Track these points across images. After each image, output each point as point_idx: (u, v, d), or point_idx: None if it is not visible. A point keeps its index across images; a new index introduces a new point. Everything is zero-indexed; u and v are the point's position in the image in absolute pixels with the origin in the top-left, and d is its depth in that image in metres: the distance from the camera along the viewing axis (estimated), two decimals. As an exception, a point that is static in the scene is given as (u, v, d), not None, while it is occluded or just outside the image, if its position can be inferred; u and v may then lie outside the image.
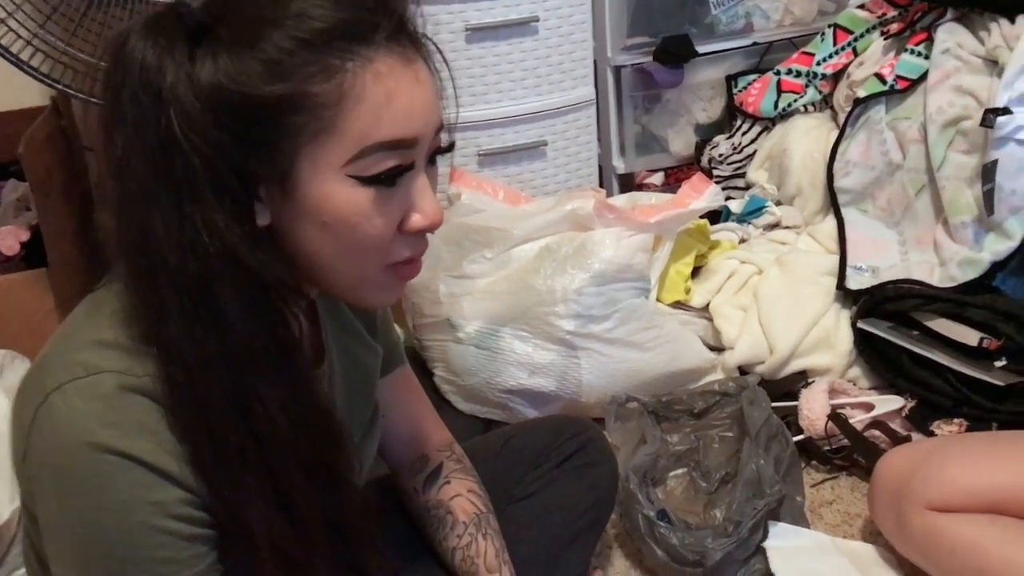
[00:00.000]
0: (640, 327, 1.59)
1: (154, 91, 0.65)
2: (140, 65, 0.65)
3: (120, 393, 0.66)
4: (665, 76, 2.13)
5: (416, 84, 0.70)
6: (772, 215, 1.94)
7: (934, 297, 1.58)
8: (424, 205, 0.73)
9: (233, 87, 0.66)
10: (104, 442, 0.65)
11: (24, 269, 1.72)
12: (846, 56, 2.00)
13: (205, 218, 0.66)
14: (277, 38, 0.66)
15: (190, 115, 0.65)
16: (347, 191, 0.69)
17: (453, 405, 1.67)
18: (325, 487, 0.75)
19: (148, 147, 0.65)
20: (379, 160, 0.69)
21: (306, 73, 0.66)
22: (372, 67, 0.68)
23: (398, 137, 0.69)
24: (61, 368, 0.67)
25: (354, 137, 0.68)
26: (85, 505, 0.66)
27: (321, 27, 0.67)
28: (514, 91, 1.99)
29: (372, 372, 0.98)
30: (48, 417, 0.66)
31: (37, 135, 1.72)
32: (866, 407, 1.55)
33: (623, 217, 1.63)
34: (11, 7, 1.42)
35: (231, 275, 0.67)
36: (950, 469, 1.16)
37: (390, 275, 0.75)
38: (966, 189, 1.64)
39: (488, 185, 1.86)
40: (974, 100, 1.67)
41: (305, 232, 0.71)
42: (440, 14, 1.88)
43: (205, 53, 0.66)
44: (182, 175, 0.65)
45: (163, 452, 0.66)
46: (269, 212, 0.70)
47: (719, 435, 1.45)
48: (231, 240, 0.66)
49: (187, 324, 0.66)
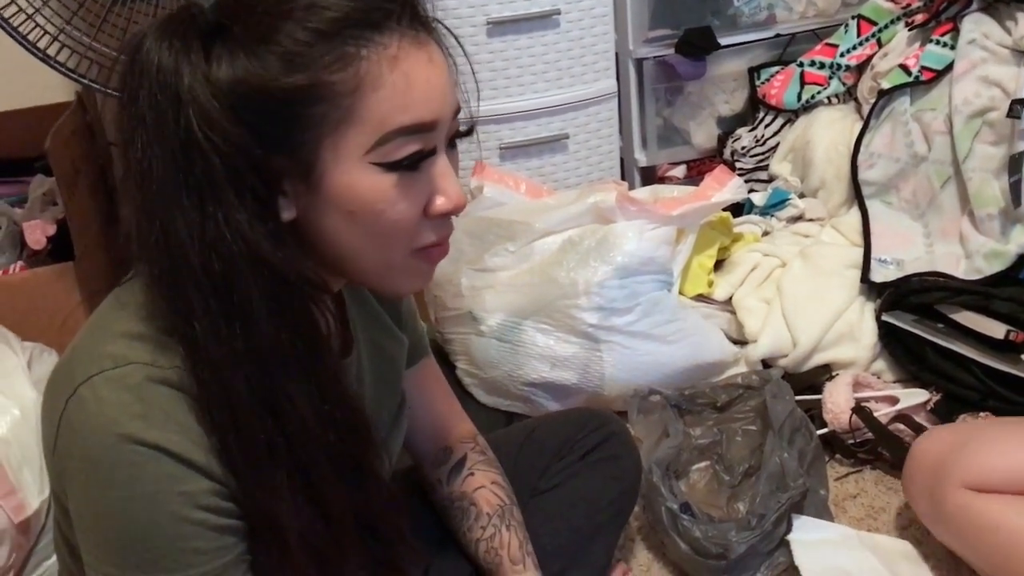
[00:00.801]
0: (663, 320, 1.58)
1: (172, 93, 0.65)
2: (157, 67, 0.66)
3: (148, 385, 0.67)
4: (687, 68, 2.12)
5: (431, 66, 0.71)
6: (795, 207, 1.93)
7: (959, 290, 1.57)
8: (447, 188, 0.74)
9: (251, 82, 0.66)
10: (133, 433, 0.65)
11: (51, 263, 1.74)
12: (870, 47, 1.98)
13: (227, 217, 0.66)
14: (291, 30, 0.67)
15: (209, 115, 0.65)
16: (371, 178, 0.70)
17: (475, 398, 1.67)
18: (354, 481, 0.76)
19: (168, 149, 0.66)
20: (401, 145, 0.70)
21: (323, 63, 0.67)
22: (387, 53, 0.68)
23: (418, 121, 0.70)
24: (90, 360, 0.68)
25: (375, 124, 0.68)
26: (114, 496, 0.66)
27: (334, 16, 0.67)
28: (536, 84, 1.99)
29: (399, 363, 0.99)
30: (78, 409, 0.67)
31: (63, 130, 1.73)
32: (891, 400, 1.54)
33: (645, 210, 1.63)
34: (38, 3, 1.44)
35: (255, 273, 0.67)
36: (990, 449, 1.15)
37: (419, 259, 0.76)
38: (992, 181, 1.63)
39: (510, 178, 1.86)
40: (1000, 91, 1.66)
41: (332, 222, 0.71)
42: (461, 8, 1.88)
43: (220, 52, 0.67)
44: (203, 175, 0.66)
45: (191, 443, 0.67)
46: (294, 206, 0.71)
47: (742, 428, 1.45)
48: (254, 238, 0.67)
49: (213, 323, 0.67)
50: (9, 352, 1.46)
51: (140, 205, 0.67)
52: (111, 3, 1.44)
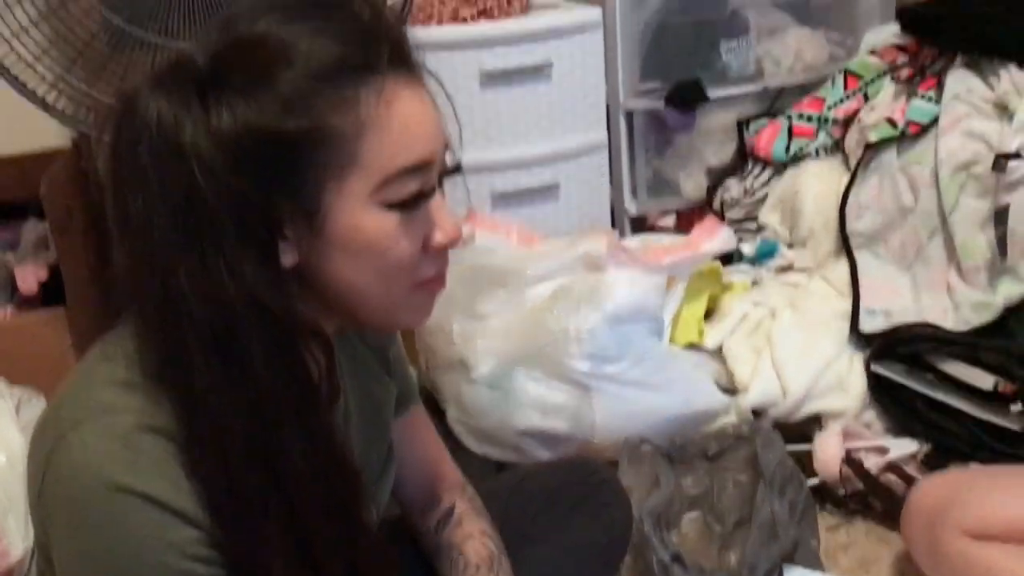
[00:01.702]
0: (654, 368, 1.59)
1: (174, 145, 0.65)
2: (156, 121, 0.66)
3: (136, 433, 0.66)
4: (677, 120, 2.15)
5: (423, 105, 0.73)
6: (785, 258, 1.94)
7: (948, 340, 1.58)
8: (444, 222, 0.75)
9: (253, 129, 0.67)
10: (120, 481, 0.65)
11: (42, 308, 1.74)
12: (857, 101, 2.01)
13: (230, 266, 0.66)
14: (290, 77, 0.67)
15: (212, 166, 0.66)
16: (375, 218, 0.71)
17: (466, 446, 1.66)
18: (344, 531, 0.75)
19: (171, 201, 0.65)
20: (404, 185, 0.71)
21: (323, 107, 0.68)
22: (384, 95, 0.69)
23: (418, 160, 0.71)
24: (78, 407, 0.68)
25: (378, 166, 0.69)
26: (100, 545, 0.66)
27: (330, 61, 0.68)
28: (528, 134, 2.01)
29: (386, 409, 0.98)
30: (65, 456, 0.66)
31: (58, 176, 1.74)
32: (881, 451, 1.54)
33: (636, 259, 1.64)
34: (38, 52, 1.45)
35: (256, 321, 0.67)
36: (991, 497, 1.15)
37: (420, 293, 0.77)
38: (979, 233, 1.65)
39: (502, 226, 1.87)
40: (985, 145, 1.68)
41: (336, 264, 0.71)
42: (455, 59, 1.91)
43: (218, 102, 0.67)
44: (206, 225, 0.66)
45: (179, 492, 0.66)
46: (296, 250, 0.71)
47: (733, 478, 1.44)
48: (256, 286, 0.67)
49: (210, 373, 0.67)
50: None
51: (140, 257, 0.67)
52: (110, 52, 1.46)
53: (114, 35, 1.43)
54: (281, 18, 0.69)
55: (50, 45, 1.46)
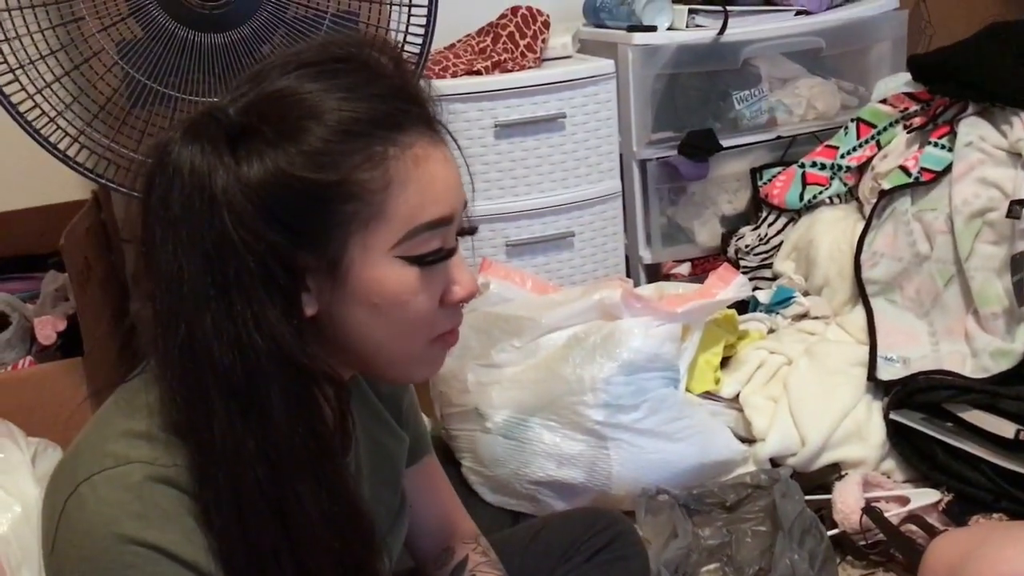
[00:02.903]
0: (670, 417, 1.58)
1: (207, 195, 0.66)
2: (189, 170, 0.67)
3: (148, 484, 0.66)
4: (690, 169, 2.16)
5: (447, 164, 0.74)
6: (800, 305, 1.94)
7: (967, 388, 1.56)
8: (461, 277, 0.76)
9: (283, 181, 0.68)
10: (131, 534, 0.64)
11: (60, 358, 1.75)
12: (870, 149, 2.02)
13: (257, 316, 0.67)
14: (319, 131, 0.69)
15: (243, 215, 0.67)
16: (397, 272, 0.72)
17: (481, 497, 1.65)
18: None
19: (202, 250, 0.66)
20: (425, 240, 0.72)
21: (353, 162, 0.69)
22: (412, 152, 0.71)
23: (440, 216, 0.73)
24: (91, 459, 0.68)
25: (402, 219, 0.71)
26: None
27: (360, 117, 0.70)
28: (542, 184, 2.03)
29: (399, 461, 0.98)
30: (77, 508, 0.66)
31: (78, 228, 1.76)
32: (901, 500, 1.52)
33: (651, 307, 1.64)
34: (61, 107, 1.48)
35: (279, 371, 0.68)
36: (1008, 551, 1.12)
37: (435, 347, 0.78)
38: (995, 280, 1.64)
39: (516, 275, 1.88)
40: (999, 192, 1.68)
41: (356, 316, 0.72)
42: (470, 111, 1.94)
43: (249, 153, 0.68)
44: (235, 275, 0.67)
45: (190, 544, 0.66)
46: (316, 302, 0.72)
47: (752, 529, 1.42)
48: (281, 335, 0.68)
49: (231, 421, 0.67)
50: (14, 447, 1.46)
51: (166, 307, 0.67)
52: (131, 106, 1.49)
53: (135, 90, 1.45)
54: (311, 75, 0.71)
55: (73, 100, 1.50)
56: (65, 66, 1.48)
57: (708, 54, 2.10)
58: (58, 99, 1.48)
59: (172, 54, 1.43)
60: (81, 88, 1.50)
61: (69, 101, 1.49)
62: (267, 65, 0.73)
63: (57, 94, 1.48)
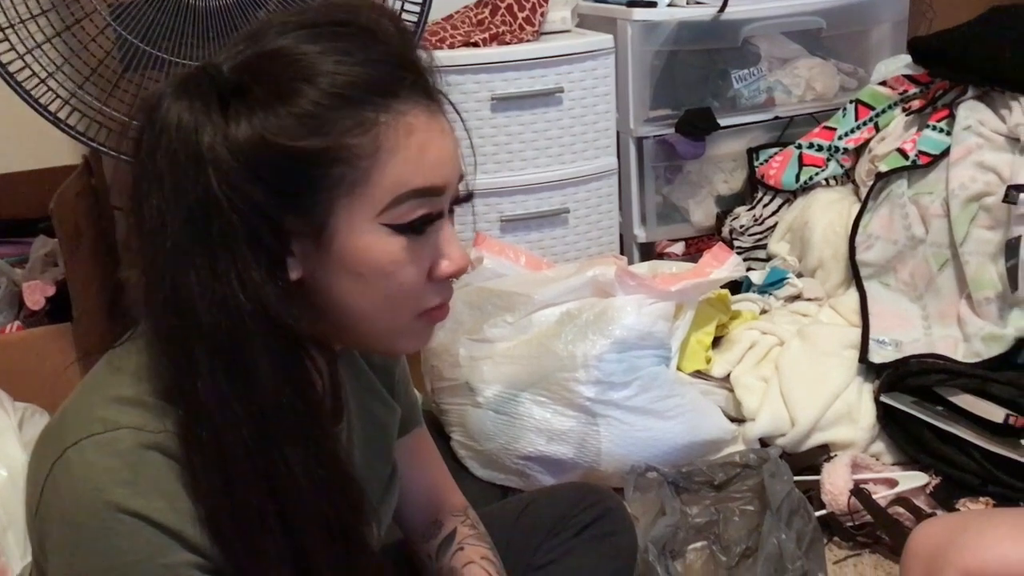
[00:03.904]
0: (661, 395, 1.58)
1: (192, 151, 0.66)
2: (176, 126, 0.66)
3: (137, 450, 0.66)
4: (687, 148, 2.15)
5: (443, 135, 0.73)
6: (793, 287, 1.94)
7: (958, 372, 1.57)
8: (452, 251, 0.75)
9: (270, 142, 0.67)
10: (117, 501, 0.64)
11: (48, 324, 1.74)
12: (868, 131, 2.01)
13: (240, 274, 0.66)
14: (311, 94, 0.68)
15: (228, 173, 0.66)
16: (382, 240, 0.71)
17: (470, 471, 1.65)
18: (344, 551, 0.74)
19: (185, 206, 0.66)
20: (412, 208, 0.71)
21: (343, 127, 0.68)
22: (404, 119, 0.70)
23: (430, 185, 0.71)
24: (79, 424, 0.67)
25: (389, 186, 0.70)
26: (95, 564, 0.65)
27: (354, 81, 0.69)
28: (538, 159, 2.01)
29: (390, 431, 0.98)
30: (63, 472, 0.66)
31: (68, 193, 1.74)
32: (889, 483, 1.53)
33: (644, 285, 1.63)
34: (52, 68, 1.46)
35: (263, 331, 0.67)
36: (989, 537, 1.13)
37: (423, 321, 0.76)
38: (990, 265, 1.64)
39: (510, 250, 1.87)
40: (996, 176, 1.68)
41: (340, 284, 0.71)
42: (467, 83, 1.92)
43: (239, 112, 0.68)
44: (219, 232, 0.66)
45: (177, 512, 0.66)
46: (301, 267, 0.71)
47: (740, 508, 1.43)
48: (265, 296, 0.67)
49: (216, 381, 0.66)
50: (0, 412, 1.45)
51: (151, 262, 0.67)
52: (123, 70, 1.47)
53: (127, 53, 1.43)
54: (309, 36, 0.70)
55: (64, 61, 1.48)
56: (56, 27, 1.46)
57: (708, 31, 2.09)
58: (49, 60, 1.46)
59: (166, 17, 1.41)
60: (73, 49, 1.48)
61: (60, 63, 1.47)
62: (266, 24, 0.72)
63: (48, 55, 1.46)
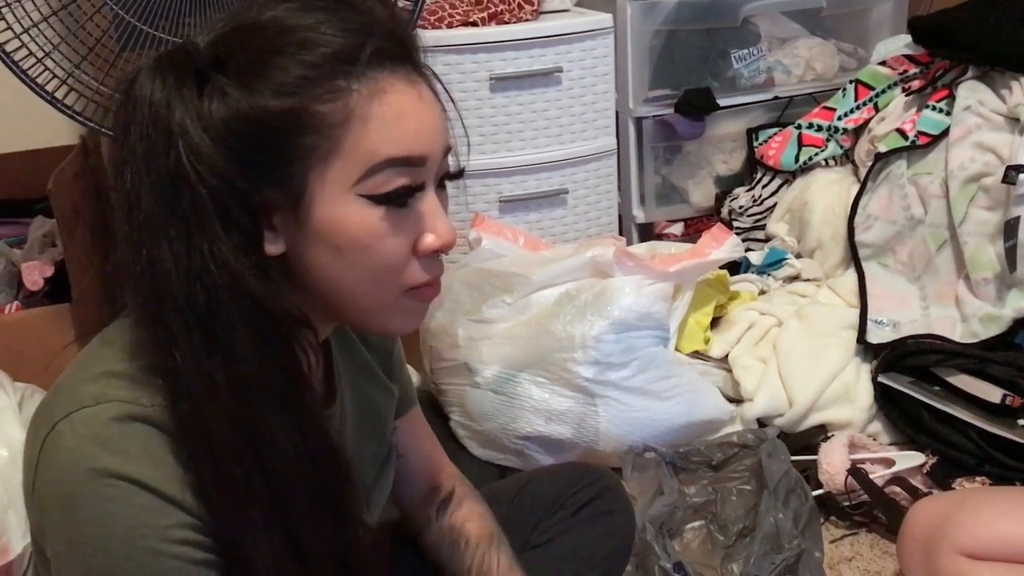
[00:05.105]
0: (659, 376, 1.58)
1: (163, 126, 0.67)
2: (149, 101, 0.67)
3: (126, 421, 0.66)
4: (686, 128, 2.14)
5: (421, 103, 0.72)
6: (792, 267, 1.94)
7: (955, 353, 1.57)
8: (437, 226, 0.74)
9: (242, 114, 0.67)
10: (109, 467, 0.65)
11: (47, 304, 1.74)
12: (867, 111, 2.01)
13: (212, 249, 0.67)
14: (283, 64, 0.68)
15: (199, 148, 0.66)
16: (359, 211, 0.70)
17: (469, 451, 1.66)
18: (332, 522, 0.74)
19: (157, 180, 0.67)
20: (389, 178, 0.70)
21: (313, 94, 0.68)
22: (377, 87, 0.70)
23: (406, 154, 0.71)
24: (69, 398, 0.68)
25: (363, 155, 0.69)
26: (92, 532, 0.65)
27: (326, 51, 0.69)
28: (536, 139, 2.01)
29: (386, 412, 0.98)
30: (55, 445, 0.67)
31: (66, 173, 1.74)
32: (886, 463, 1.53)
33: (643, 265, 1.63)
34: (49, 47, 1.45)
35: (238, 306, 0.67)
36: (985, 515, 1.14)
37: (411, 298, 0.76)
38: (988, 245, 1.64)
39: (509, 231, 1.87)
40: (995, 157, 1.68)
41: (321, 258, 0.71)
42: (465, 63, 1.91)
43: (213, 88, 0.68)
44: (190, 207, 0.66)
45: (169, 478, 0.66)
46: (283, 240, 0.71)
47: (737, 488, 1.43)
48: (238, 270, 0.67)
49: (194, 355, 0.67)
50: (0, 392, 1.45)
51: (127, 236, 0.68)
52: (120, 49, 1.46)
53: (125, 32, 1.43)
54: (288, 9, 0.70)
55: (61, 40, 1.47)
56: (53, 5, 1.45)
57: (708, 11, 2.08)
58: (45, 39, 1.45)
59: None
60: (69, 28, 1.47)
61: (57, 42, 1.46)
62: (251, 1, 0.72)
63: (44, 34, 1.45)
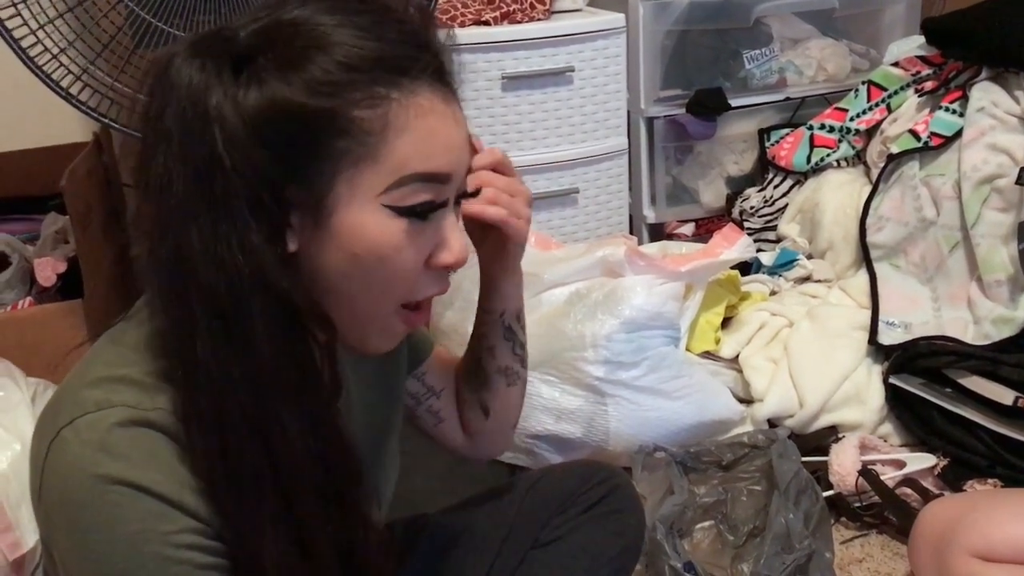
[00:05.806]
0: (669, 375, 1.58)
1: (200, 110, 0.66)
2: (187, 84, 0.67)
3: (130, 426, 0.66)
4: (698, 128, 2.14)
5: (454, 123, 0.73)
6: (803, 268, 1.93)
7: (968, 354, 1.56)
8: (452, 242, 0.74)
9: (278, 106, 0.67)
10: (113, 473, 0.64)
11: (60, 300, 1.74)
12: (880, 112, 2.00)
13: (240, 237, 0.67)
14: (323, 62, 0.68)
15: (234, 135, 0.66)
16: (382, 221, 0.70)
17: (478, 449, 1.66)
18: (341, 520, 0.74)
19: (191, 165, 0.66)
20: (415, 191, 0.71)
21: (352, 97, 0.68)
22: (416, 100, 0.70)
23: (435, 171, 0.71)
24: (73, 404, 0.67)
25: (394, 166, 0.69)
26: (98, 539, 0.65)
27: (367, 55, 0.69)
28: (548, 139, 2.01)
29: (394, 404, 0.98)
30: (59, 452, 0.66)
31: (79, 170, 1.75)
32: (897, 464, 1.53)
33: (654, 265, 1.63)
34: (64, 43, 1.46)
35: (261, 296, 0.67)
36: (998, 516, 1.13)
37: (399, 319, 0.76)
38: (1001, 247, 1.63)
39: (520, 230, 1.87)
40: (1009, 158, 1.67)
41: (333, 261, 0.71)
42: (478, 62, 1.91)
43: (250, 76, 0.68)
44: (221, 193, 0.66)
45: (174, 482, 0.66)
46: (298, 240, 0.71)
47: (747, 488, 1.43)
48: (263, 261, 0.67)
49: (214, 343, 0.67)
50: (13, 387, 1.46)
51: (156, 220, 0.68)
52: (135, 46, 1.47)
53: (139, 28, 1.43)
54: (330, 8, 0.70)
55: (76, 37, 1.48)
56: (68, 2, 1.46)
57: (720, 11, 2.07)
58: (60, 35, 1.46)
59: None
60: (84, 25, 1.48)
61: (72, 39, 1.47)
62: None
63: (60, 30, 1.46)
